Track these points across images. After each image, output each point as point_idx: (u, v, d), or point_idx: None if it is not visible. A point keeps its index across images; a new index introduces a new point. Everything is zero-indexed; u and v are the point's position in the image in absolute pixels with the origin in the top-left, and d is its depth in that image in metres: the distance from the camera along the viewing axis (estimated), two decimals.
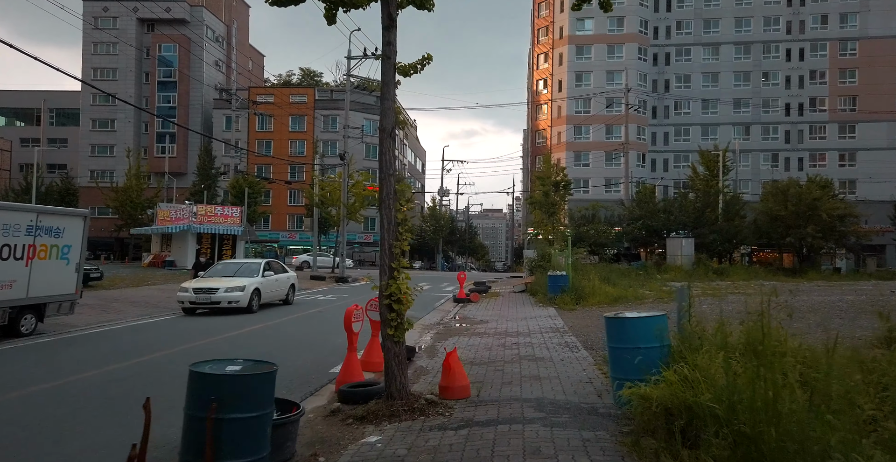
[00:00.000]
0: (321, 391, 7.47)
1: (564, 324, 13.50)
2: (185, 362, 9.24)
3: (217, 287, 15.38)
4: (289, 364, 9.12)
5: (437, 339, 11.97)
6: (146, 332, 12.60)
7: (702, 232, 34.85)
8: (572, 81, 62.79)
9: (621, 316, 6.18)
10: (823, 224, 32.99)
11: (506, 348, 10.33)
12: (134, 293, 20.71)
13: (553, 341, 10.93)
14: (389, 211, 6.38)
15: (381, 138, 6.41)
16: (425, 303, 20.74)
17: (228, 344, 11.00)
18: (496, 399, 6.57)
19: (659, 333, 5.83)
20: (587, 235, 34.93)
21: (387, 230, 6.38)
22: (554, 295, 18.69)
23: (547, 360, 9.01)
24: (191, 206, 36.08)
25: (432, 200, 77.35)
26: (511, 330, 12.92)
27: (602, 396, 6.54)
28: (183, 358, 9.45)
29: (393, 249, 6.38)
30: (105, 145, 68.34)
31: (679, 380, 4.71)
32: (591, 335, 11.46)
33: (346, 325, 7.47)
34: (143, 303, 18.10)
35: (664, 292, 20.13)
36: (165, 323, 14.18)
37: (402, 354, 6.39)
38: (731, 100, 62.78)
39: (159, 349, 10.25)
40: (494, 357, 9.48)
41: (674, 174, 61.00)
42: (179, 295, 15.63)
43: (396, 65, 6.44)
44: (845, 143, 61.88)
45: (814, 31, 62.52)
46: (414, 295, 6.58)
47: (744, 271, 31.22)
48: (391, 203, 6.39)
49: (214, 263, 18.65)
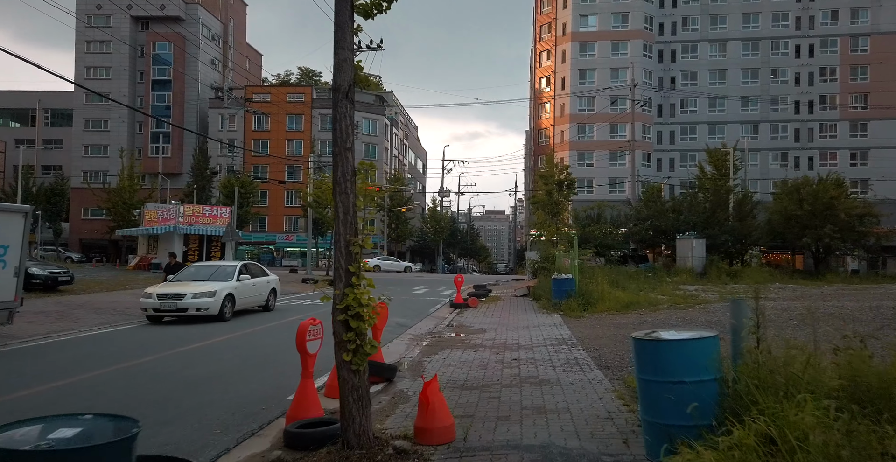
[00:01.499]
0: (267, 429, 5.88)
1: (572, 334, 11.91)
2: (111, 387, 7.68)
3: (184, 292, 13.81)
4: (240, 388, 7.55)
5: (426, 352, 10.39)
6: (94, 346, 11.04)
7: (713, 232, 33.19)
8: (575, 79, 61.20)
9: (656, 337, 4.58)
10: (842, 224, 31.34)
11: (504, 366, 8.75)
12: (104, 298, 19.16)
13: (560, 357, 9.34)
14: (346, 197, 4.81)
15: (334, 100, 4.85)
16: (420, 308, 19.19)
17: (180, 360, 9.42)
18: (488, 446, 4.98)
19: (710, 362, 4.25)
20: (593, 236, 33.31)
21: (342, 222, 4.82)
22: (559, 300, 17.09)
23: (553, 383, 7.43)
24: (177, 207, 34.52)
25: (432, 201, 75.81)
26: (511, 341, 11.34)
27: (629, 443, 4.94)
28: (111, 381, 7.90)
29: (350, 247, 4.81)
30: (98, 146, 66.90)
31: (761, 442, 3.13)
32: (605, 349, 9.87)
33: (299, 345, 5.88)
34: (110, 310, 16.55)
35: (679, 297, 18.55)
36: (122, 333, 12.62)
37: (363, 387, 4.81)
38: (738, 97, 61.12)
39: (93, 368, 8.67)
40: (490, 378, 7.90)
41: (680, 174, 59.29)
42: (143, 301, 14.06)
43: (355, 1, 4.87)
44: (857, 141, 60.15)
45: (824, 27, 60.84)
46: (378, 308, 4.98)
47: (758, 273, 29.58)
48: (348, 186, 4.82)
49: (187, 266, 17.09)
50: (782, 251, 42.30)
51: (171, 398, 6.98)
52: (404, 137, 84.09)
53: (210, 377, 8.20)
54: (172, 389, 7.45)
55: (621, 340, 10.67)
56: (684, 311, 14.69)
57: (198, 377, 8.18)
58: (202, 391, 7.37)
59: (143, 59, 66.80)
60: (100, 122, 67.32)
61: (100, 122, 67.35)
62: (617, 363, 8.58)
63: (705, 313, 14.02)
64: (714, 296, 19.10)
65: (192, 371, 8.59)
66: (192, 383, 7.79)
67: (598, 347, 10.08)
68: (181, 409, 6.53)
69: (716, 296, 19.11)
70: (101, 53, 66.95)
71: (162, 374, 8.41)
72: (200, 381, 7.96)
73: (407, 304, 21.11)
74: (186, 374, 8.35)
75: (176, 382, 7.84)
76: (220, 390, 7.43)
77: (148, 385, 7.69)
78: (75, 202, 63.75)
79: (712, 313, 14.01)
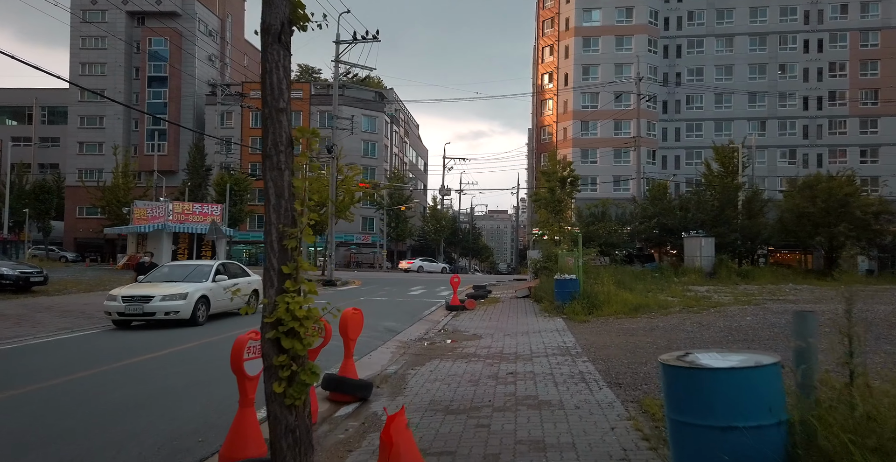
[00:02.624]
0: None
1: (576, 342, 10.70)
2: (20, 412, 6.30)
3: (151, 295, 12.62)
4: (182, 412, 6.36)
5: (412, 363, 9.21)
6: (39, 356, 9.85)
7: (721, 231, 31.89)
8: (579, 75, 59.93)
9: (694, 362, 3.37)
10: (857, 222, 30.03)
11: (498, 381, 7.55)
12: (77, 300, 18.02)
13: (563, 370, 8.14)
14: (279, 174, 3.62)
15: (263, 45, 3.65)
16: (413, 310, 18.04)
17: (123, 375, 8.22)
18: None
19: (773, 401, 3.05)
20: (597, 235, 32.05)
21: (274, 208, 3.62)
22: (562, 302, 15.87)
23: (555, 405, 6.22)
24: (166, 204, 33.34)
25: (433, 199, 74.66)
26: (509, 350, 10.14)
27: None
28: (24, 404, 6.72)
29: (284, 241, 3.61)
30: (94, 143, 65.88)
31: None
32: (614, 360, 8.66)
33: (234, 365, 4.68)
34: (78, 312, 15.39)
35: (690, 299, 17.32)
36: (78, 341, 11.44)
37: (301, 428, 3.61)
38: (745, 93, 59.78)
39: (15, 385, 7.48)
40: (481, 398, 6.70)
41: (686, 172, 57.99)
42: (106, 305, 12.87)
43: None
44: (867, 138, 58.82)
45: (833, 21, 59.48)
46: (320, 325, 3.77)
47: (770, 273, 28.35)
48: (282, 160, 3.63)
49: (159, 266, 15.91)
50: (790, 250, 40.98)
51: (89, 428, 5.78)
52: (405, 135, 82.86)
53: (151, 396, 7.01)
54: (98, 414, 6.26)
55: (632, 350, 9.46)
56: (699, 315, 13.47)
57: (136, 397, 6.99)
58: (132, 417, 6.18)
59: (139, 55, 65.70)
60: (95, 119, 66.31)
61: (95, 119, 66.34)
62: (629, 379, 7.37)
63: (723, 318, 12.79)
64: (728, 298, 17.85)
65: (132, 389, 7.41)
66: (124, 406, 6.60)
67: (607, 358, 8.87)
68: (93, 443, 5.32)
69: (730, 298, 17.87)
70: (96, 49, 65.92)
71: (94, 393, 7.22)
72: (137, 402, 6.77)
73: (401, 305, 19.97)
74: (122, 394, 7.16)
75: (105, 405, 6.64)
76: (156, 415, 6.24)
77: (69, 409, 6.46)
78: (70, 201, 62.70)
79: (730, 317, 12.79)
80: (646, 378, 7.36)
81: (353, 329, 6.98)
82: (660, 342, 10.07)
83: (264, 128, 3.66)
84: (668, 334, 10.92)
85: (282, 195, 3.62)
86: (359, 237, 66.83)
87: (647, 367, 7.97)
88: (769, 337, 9.94)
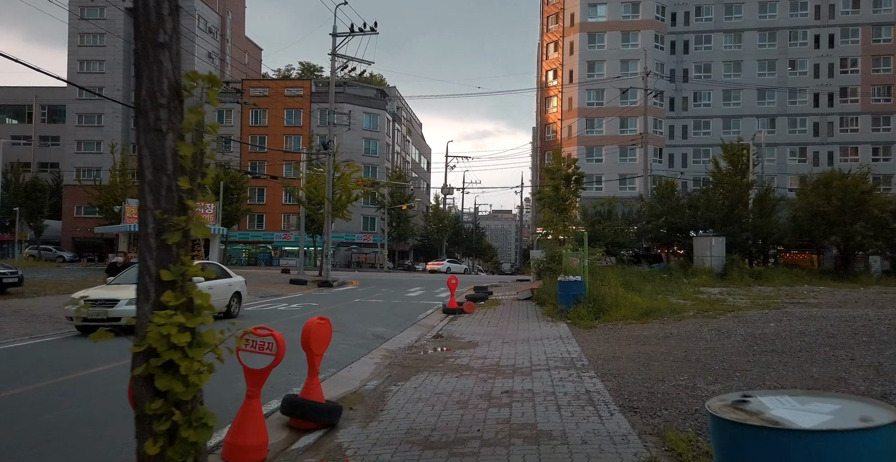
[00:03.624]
0: None
1: (582, 352, 9.57)
2: None
3: (117, 298, 11.53)
4: (75, 457, 5.26)
5: (396, 377, 8.11)
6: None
7: (732, 230, 30.65)
8: (584, 71, 58.74)
9: (766, 416, 2.23)
10: (874, 220, 28.81)
11: (491, 403, 6.43)
12: (50, 303, 16.97)
13: (567, 388, 7.01)
14: (158, 137, 2.52)
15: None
16: (409, 313, 16.97)
17: (46, 394, 7.10)
18: None
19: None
20: (602, 234, 30.88)
21: (150, 186, 2.53)
22: (566, 306, 14.73)
23: (557, 439, 5.10)
24: None
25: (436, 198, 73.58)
26: (506, 362, 9.02)
27: None
28: None
29: (164, 231, 2.51)
30: (92, 141, 65.01)
31: None
32: (626, 376, 7.54)
33: None
34: (46, 316, 14.32)
35: (704, 302, 16.18)
36: (30, 350, 10.36)
37: None
38: (754, 90, 58.45)
39: None
40: (468, 426, 5.59)
41: (694, 169, 56.77)
42: (68, 309, 11.78)
43: None
44: (879, 135, 57.44)
45: (844, 16, 58.10)
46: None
47: (783, 274, 27.10)
48: (161, 117, 2.53)
49: (130, 267, 14.85)
50: (801, 250, 39.69)
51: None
52: (407, 133, 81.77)
53: (55, 427, 5.91)
54: (7, 447, 5.17)
55: (645, 362, 8.34)
56: (716, 321, 12.32)
57: (38, 427, 5.90)
58: (47, 453, 5.09)
59: None
60: (93, 117, 65.50)
61: (93, 118, 65.53)
62: (646, 401, 6.24)
63: (743, 324, 11.65)
64: (744, 301, 16.69)
65: (67, 410, 6.31)
66: (45, 433, 5.50)
67: (617, 373, 7.74)
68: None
69: (746, 301, 16.71)
70: (94, 47, 65.13)
71: (19, 414, 6.13)
72: (42, 431, 5.68)
73: (396, 308, 18.91)
74: (55, 416, 6.07)
75: (21, 434, 5.55)
76: (72, 452, 5.14)
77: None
78: (69, 200, 61.92)
79: (751, 324, 11.64)
80: (665, 400, 6.24)
81: (317, 343, 5.86)
82: (676, 353, 8.95)
83: (137, 72, 2.56)
84: (685, 343, 9.79)
85: (162, 168, 2.52)
86: (360, 237, 65.81)
87: (664, 386, 6.86)
88: (801, 348, 8.80)
